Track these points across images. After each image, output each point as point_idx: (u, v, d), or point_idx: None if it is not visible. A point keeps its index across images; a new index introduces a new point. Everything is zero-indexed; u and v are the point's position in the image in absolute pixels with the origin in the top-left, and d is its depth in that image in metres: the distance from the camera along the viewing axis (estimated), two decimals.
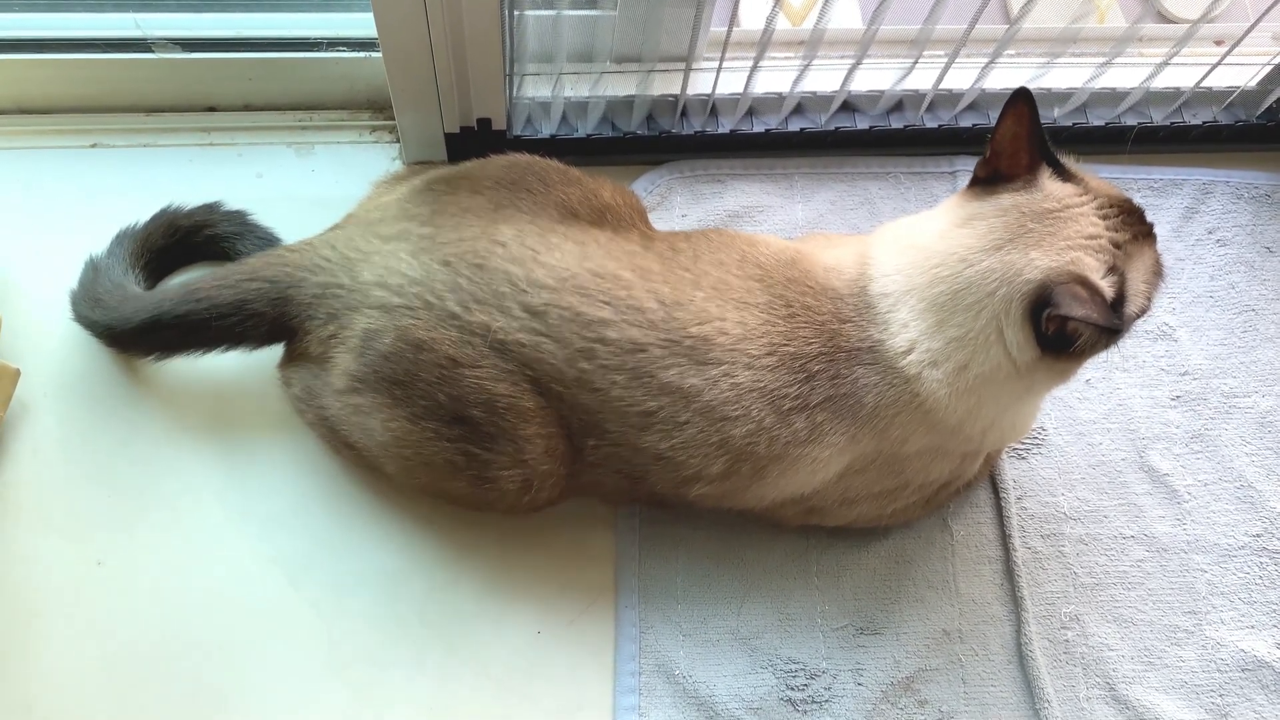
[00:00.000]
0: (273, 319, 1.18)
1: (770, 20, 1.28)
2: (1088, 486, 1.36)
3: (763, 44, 1.32)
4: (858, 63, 1.38)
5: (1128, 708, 1.25)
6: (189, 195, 1.42)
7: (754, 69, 1.37)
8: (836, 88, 1.43)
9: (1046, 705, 1.24)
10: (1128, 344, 1.42)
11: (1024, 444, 1.36)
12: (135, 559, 1.25)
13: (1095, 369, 1.41)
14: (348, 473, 1.30)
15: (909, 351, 1.09)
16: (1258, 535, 1.34)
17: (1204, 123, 1.52)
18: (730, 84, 1.42)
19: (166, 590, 1.24)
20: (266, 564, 1.26)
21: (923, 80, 1.44)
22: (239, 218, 1.38)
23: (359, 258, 1.16)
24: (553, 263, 1.11)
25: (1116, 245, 1.06)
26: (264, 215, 1.41)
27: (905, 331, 1.09)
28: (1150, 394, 1.41)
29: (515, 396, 1.10)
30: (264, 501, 1.28)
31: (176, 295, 1.21)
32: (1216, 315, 1.46)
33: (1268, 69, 1.50)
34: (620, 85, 1.42)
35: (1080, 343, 1.03)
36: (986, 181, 1.11)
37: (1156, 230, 1.51)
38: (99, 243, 1.38)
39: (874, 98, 1.47)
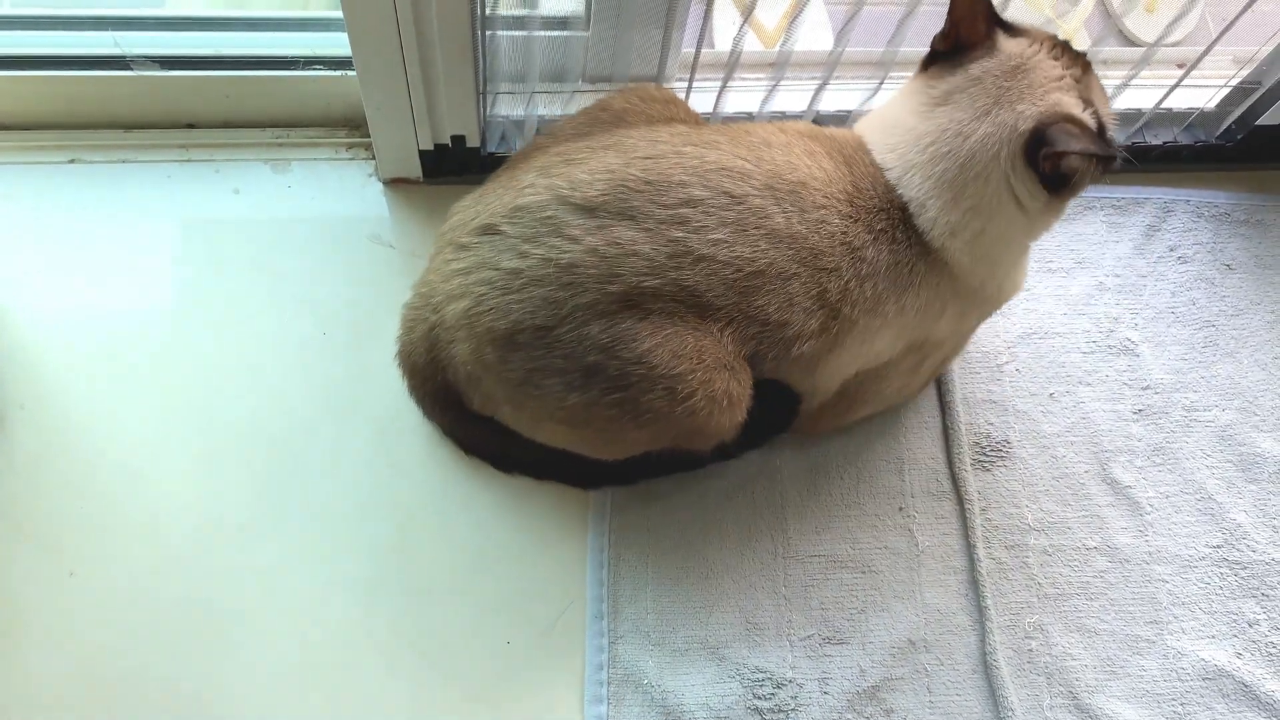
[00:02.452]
0: None
1: (738, 42, 1.31)
2: (1051, 498, 1.38)
3: (731, 65, 1.35)
4: (824, 83, 1.41)
5: (1090, 716, 1.26)
6: (166, 211, 1.44)
7: (723, 89, 1.40)
8: (804, 108, 1.46)
9: (1010, 714, 1.25)
10: (1091, 359, 1.45)
11: (988, 456, 1.39)
12: (107, 569, 1.26)
13: (1059, 383, 1.44)
14: (318, 482, 1.31)
15: (931, 229, 1.13)
16: (1218, 546, 1.36)
17: (1164, 143, 1.55)
18: (700, 104, 1.44)
19: (138, 600, 1.25)
20: (238, 574, 1.27)
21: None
22: None
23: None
24: (593, 164, 1.10)
25: (1076, 80, 1.12)
26: (240, 231, 1.43)
27: (925, 212, 1.12)
28: (1113, 408, 1.43)
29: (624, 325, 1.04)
30: (236, 512, 1.29)
31: None
32: (1177, 331, 1.48)
33: (1226, 91, 1.53)
34: None
35: (1078, 176, 1.10)
36: (946, 55, 1.15)
37: (1118, 247, 1.55)
38: (76, 258, 1.39)
39: (841, 118, 1.49)
